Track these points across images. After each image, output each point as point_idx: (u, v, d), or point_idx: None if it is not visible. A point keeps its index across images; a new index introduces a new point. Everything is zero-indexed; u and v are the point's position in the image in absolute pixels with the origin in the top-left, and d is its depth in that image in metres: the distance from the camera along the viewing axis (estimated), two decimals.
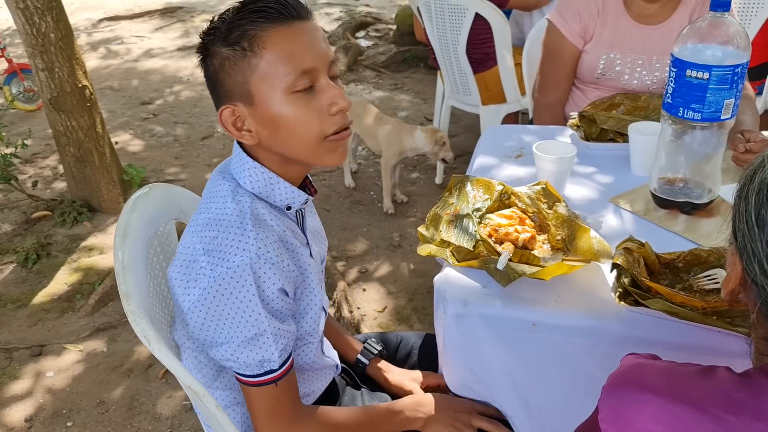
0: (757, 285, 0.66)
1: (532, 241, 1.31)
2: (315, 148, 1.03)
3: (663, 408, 0.67)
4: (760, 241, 0.65)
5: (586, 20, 2.01)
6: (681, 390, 0.68)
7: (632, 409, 0.68)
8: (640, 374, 0.72)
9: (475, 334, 1.22)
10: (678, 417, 0.65)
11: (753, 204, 0.66)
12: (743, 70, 1.31)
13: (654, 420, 0.66)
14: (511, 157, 1.75)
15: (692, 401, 0.66)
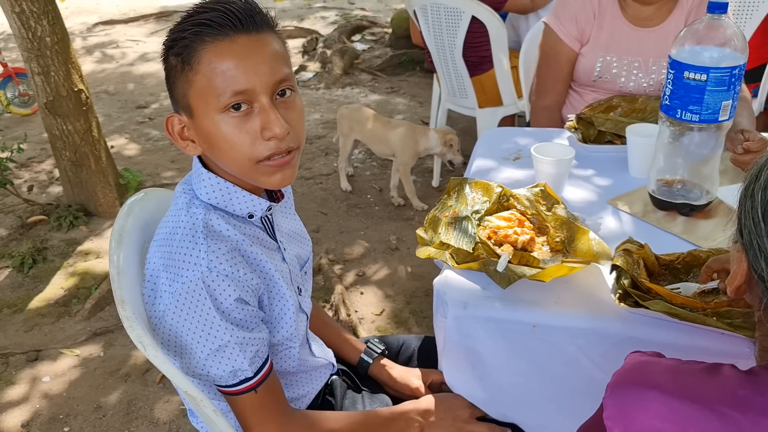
0: (764, 281, 0.66)
1: (532, 243, 1.31)
2: (248, 170, 1.01)
3: (668, 405, 0.67)
4: (767, 236, 0.65)
5: (583, 23, 2.01)
6: (686, 388, 0.68)
7: (637, 406, 0.69)
8: (645, 372, 0.73)
9: (476, 336, 1.21)
10: (684, 414, 0.66)
11: (759, 200, 0.67)
12: (741, 71, 1.31)
13: (660, 417, 0.66)
14: (509, 160, 1.75)
15: (698, 399, 0.67)
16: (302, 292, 1.20)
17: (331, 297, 2.71)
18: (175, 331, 1.00)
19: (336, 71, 5.40)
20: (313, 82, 5.34)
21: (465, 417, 1.25)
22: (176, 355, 1.03)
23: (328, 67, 5.48)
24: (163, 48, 1.01)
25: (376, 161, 3.98)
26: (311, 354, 1.26)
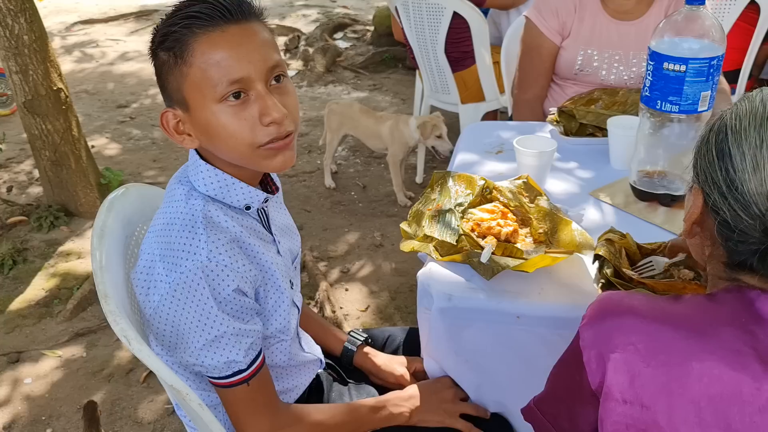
0: (716, 210, 0.77)
1: (515, 235, 1.32)
2: (250, 156, 1.01)
3: (642, 323, 0.76)
4: (720, 169, 0.76)
5: (564, 17, 2.02)
6: (657, 311, 0.78)
7: (614, 327, 0.77)
8: (620, 299, 0.81)
9: (461, 327, 1.22)
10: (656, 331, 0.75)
11: (713, 142, 0.78)
12: (719, 62, 1.32)
13: (635, 333, 0.76)
14: (492, 153, 1.76)
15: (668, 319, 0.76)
16: (294, 286, 1.21)
17: (316, 294, 2.70)
18: (171, 321, 0.99)
19: (318, 69, 5.38)
20: (296, 80, 5.32)
21: (450, 397, 1.26)
22: (170, 345, 1.03)
23: (310, 65, 5.46)
24: (152, 45, 1.01)
25: (359, 158, 3.97)
26: (301, 349, 1.26)
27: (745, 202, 0.74)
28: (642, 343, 0.75)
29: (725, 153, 0.76)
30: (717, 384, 0.70)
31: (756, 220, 0.73)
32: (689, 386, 0.71)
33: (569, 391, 0.84)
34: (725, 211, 0.76)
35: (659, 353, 0.73)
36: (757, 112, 0.76)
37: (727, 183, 0.76)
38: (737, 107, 0.78)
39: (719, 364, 0.71)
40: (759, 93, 0.78)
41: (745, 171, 0.74)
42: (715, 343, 0.72)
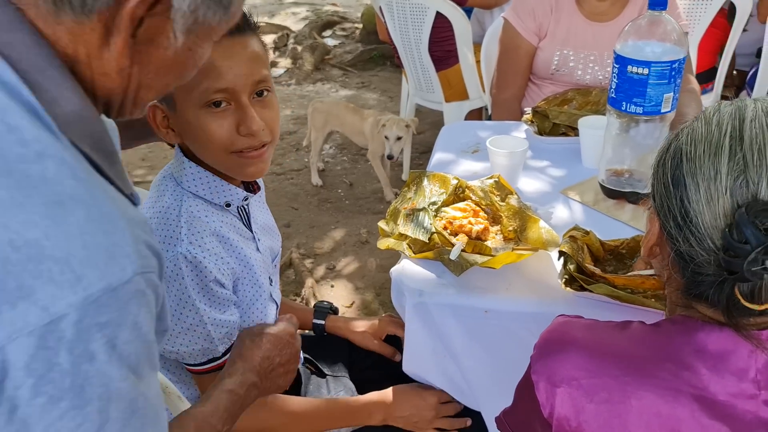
0: (672, 237, 0.75)
1: (485, 233, 1.37)
2: (224, 161, 1.07)
3: (585, 357, 0.77)
4: (675, 197, 0.74)
5: (540, 18, 2.07)
6: (601, 342, 0.79)
7: (559, 360, 0.78)
8: (566, 331, 0.82)
9: (433, 321, 1.27)
10: (597, 364, 0.76)
11: (669, 167, 0.75)
12: (680, 65, 1.38)
13: (577, 368, 0.76)
14: (468, 153, 1.81)
15: (610, 350, 0.77)
16: (272, 283, 1.25)
17: (301, 290, 2.75)
18: None
19: (307, 67, 5.42)
20: (284, 78, 5.35)
21: (430, 418, 1.30)
22: None
23: (298, 63, 5.50)
24: None
25: (346, 156, 4.02)
26: None
27: (700, 235, 0.72)
28: (585, 379, 0.76)
29: (680, 182, 0.74)
30: (655, 422, 0.72)
31: (711, 255, 0.71)
32: (629, 423, 0.73)
33: (528, 412, 0.86)
34: (680, 242, 0.74)
35: (601, 390, 0.75)
36: (712, 138, 0.72)
37: (682, 214, 0.73)
38: (693, 129, 0.76)
39: (657, 402, 0.72)
40: (716, 113, 0.76)
41: (700, 203, 0.72)
42: (653, 380, 0.73)
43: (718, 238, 0.70)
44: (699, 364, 0.72)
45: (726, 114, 0.74)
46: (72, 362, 0.56)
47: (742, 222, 0.66)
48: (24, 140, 0.58)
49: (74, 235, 0.57)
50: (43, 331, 0.54)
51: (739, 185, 0.69)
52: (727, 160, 0.70)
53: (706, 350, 0.73)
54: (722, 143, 0.71)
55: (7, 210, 0.55)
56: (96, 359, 0.57)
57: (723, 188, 0.69)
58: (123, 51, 0.64)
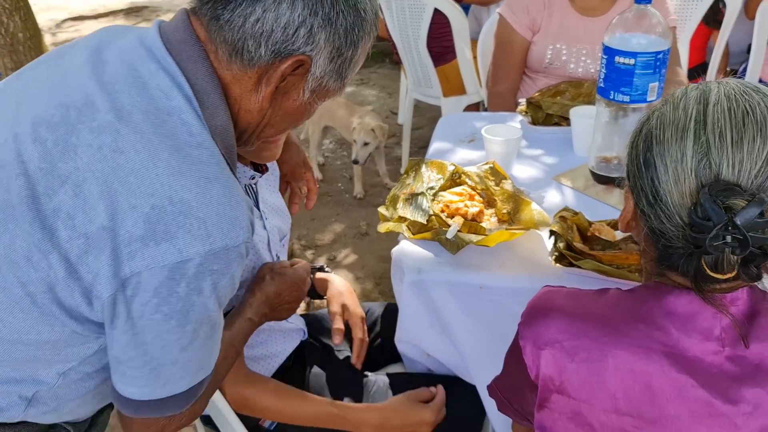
0: (644, 214, 0.80)
1: (480, 215, 1.44)
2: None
3: (567, 322, 0.84)
4: (646, 178, 0.79)
5: (534, 13, 2.14)
6: (581, 307, 0.85)
7: (543, 325, 0.85)
8: (550, 299, 0.89)
9: (430, 297, 1.34)
10: (578, 327, 0.83)
11: (641, 150, 0.80)
12: (665, 56, 1.45)
13: (560, 331, 0.83)
14: (465, 142, 1.88)
15: (590, 315, 0.83)
16: (279, 259, 1.32)
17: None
18: None
19: None
20: None
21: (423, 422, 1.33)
22: None
23: None
24: None
25: (346, 151, 4.09)
26: None
27: (669, 213, 0.77)
28: (566, 341, 0.83)
29: (650, 163, 0.79)
30: (629, 377, 0.79)
31: (679, 230, 0.76)
32: (606, 379, 0.80)
33: (517, 377, 0.92)
34: (652, 218, 0.79)
35: (581, 351, 0.82)
36: (678, 122, 0.77)
37: (653, 193, 0.78)
38: (662, 113, 0.80)
39: (630, 358, 0.79)
40: (683, 97, 0.80)
41: (668, 183, 0.76)
42: (626, 339, 0.80)
43: (685, 216, 0.75)
44: (669, 324, 0.79)
45: (692, 98, 0.78)
46: (187, 293, 0.78)
47: (705, 201, 0.72)
48: (191, 132, 0.82)
49: (213, 204, 0.79)
50: (173, 266, 0.76)
51: (702, 167, 0.74)
52: (692, 143, 0.75)
53: (675, 312, 0.79)
54: (688, 127, 0.76)
55: (172, 174, 0.78)
56: (202, 294, 0.80)
57: (689, 169, 0.75)
58: (267, 97, 0.90)
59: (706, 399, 0.75)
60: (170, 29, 0.88)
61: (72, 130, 0.80)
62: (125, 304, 0.78)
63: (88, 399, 0.95)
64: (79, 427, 0.99)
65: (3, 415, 0.88)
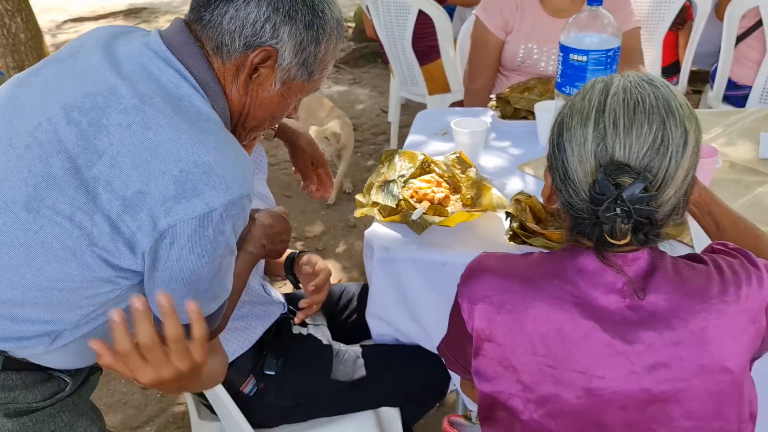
0: (559, 190, 0.94)
1: (446, 200, 1.57)
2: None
3: (496, 280, 0.97)
4: (559, 159, 0.92)
5: (507, 15, 2.27)
6: (509, 268, 0.98)
7: (476, 283, 0.98)
8: (483, 261, 1.02)
9: (397, 274, 1.47)
10: (505, 284, 0.96)
11: (555, 134, 0.94)
12: (615, 53, 1.58)
13: (490, 288, 0.96)
14: (438, 135, 2.01)
15: (515, 273, 0.96)
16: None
17: None
18: None
19: None
20: None
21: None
22: None
23: None
24: None
25: None
26: (264, 291, 1.51)
27: (576, 189, 0.89)
28: (495, 296, 0.96)
29: (562, 146, 0.91)
30: (544, 325, 0.92)
31: (584, 204, 0.88)
32: (526, 327, 0.93)
33: (458, 333, 1.04)
34: (564, 193, 0.91)
35: (506, 304, 0.94)
36: (583, 111, 0.89)
37: (563, 172, 0.90)
38: (573, 103, 0.92)
39: (546, 309, 0.92)
40: (591, 89, 0.91)
41: (574, 163, 0.88)
42: (544, 292, 0.93)
43: (587, 191, 0.87)
44: (579, 279, 0.92)
45: (597, 90, 0.90)
46: (214, 236, 0.96)
47: (601, 179, 0.84)
48: (200, 111, 1.00)
49: (228, 163, 0.96)
50: (202, 216, 0.94)
51: (600, 150, 0.86)
52: (593, 130, 0.87)
53: (585, 269, 0.92)
54: (590, 116, 0.88)
55: (194, 143, 0.94)
56: (225, 234, 0.98)
57: (590, 152, 0.87)
58: (243, 85, 1.05)
59: (608, 340, 0.88)
60: (170, 34, 1.04)
61: (102, 113, 0.95)
62: (166, 251, 0.95)
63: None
64: (76, 380, 1.12)
65: (27, 350, 1.02)
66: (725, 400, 0.88)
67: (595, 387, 0.89)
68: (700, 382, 0.87)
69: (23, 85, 1.05)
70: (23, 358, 1.03)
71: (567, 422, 0.92)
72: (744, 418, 0.90)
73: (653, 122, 0.85)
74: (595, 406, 0.90)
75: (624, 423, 0.90)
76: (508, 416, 0.96)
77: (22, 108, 1.01)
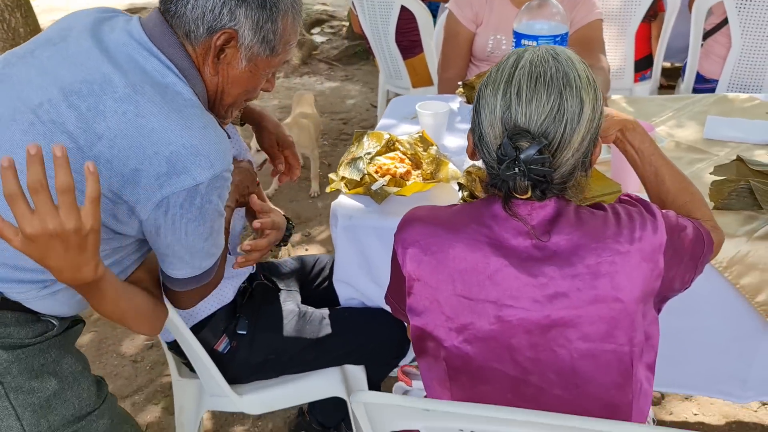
0: (477, 149, 1.06)
1: (408, 175, 1.71)
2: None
3: (424, 226, 1.10)
4: (476, 122, 1.04)
5: (477, 8, 2.40)
6: (435, 217, 1.11)
7: (408, 230, 1.11)
8: (414, 212, 1.15)
9: (359, 240, 1.61)
10: (431, 230, 1.09)
11: (475, 101, 1.05)
12: (563, 38, 1.72)
13: (418, 233, 1.09)
14: (408, 119, 2.15)
15: (440, 221, 1.10)
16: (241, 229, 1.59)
17: (278, 254, 3.09)
18: None
19: (294, 61, 5.76)
20: None
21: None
22: None
23: None
24: None
25: (326, 140, 4.36)
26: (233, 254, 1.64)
27: (488, 149, 1.01)
28: (423, 240, 1.08)
29: (479, 112, 1.03)
30: (462, 263, 1.04)
31: (494, 162, 1.00)
32: (447, 266, 1.05)
33: (397, 278, 1.16)
34: (480, 152, 1.04)
35: (432, 246, 1.07)
36: (496, 81, 1.00)
37: (479, 134, 1.03)
38: (491, 74, 1.02)
39: (464, 250, 1.04)
40: (506, 61, 1.01)
41: (487, 127, 1.00)
42: (463, 235, 1.05)
43: (496, 150, 0.99)
44: (492, 223, 1.05)
45: (509, 63, 1.01)
46: (202, 204, 1.11)
47: (505, 142, 0.97)
48: (184, 98, 1.13)
49: (212, 143, 1.10)
50: (191, 189, 1.08)
51: (506, 116, 0.98)
52: (501, 99, 0.99)
53: (498, 215, 1.05)
54: (500, 86, 0.99)
55: (181, 129, 1.08)
56: (212, 202, 1.13)
57: (498, 118, 0.99)
58: (212, 66, 1.18)
59: (515, 275, 1.02)
60: (150, 25, 1.16)
61: (99, 100, 1.08)
62: (163, 218, 1.11)
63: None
64: (62, 324, 1.25)
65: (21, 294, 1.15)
66: (616, 325, 1.01)
67: (505, 315, 1.02)
68: (594, 310, 1.00)
69: (18, 64, 1.17)
70: (17, 300, 1.16)
71: (482, 346, 1.05)
72: (636, 343, 1.02)
73: (552, 93, 0.97)
74: (505, 331, 1.03)
75: (529, 345, 1.03)
76: (435, 345, 1.09)
77: (21, 86, 1.13)
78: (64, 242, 0.92)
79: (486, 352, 1.05)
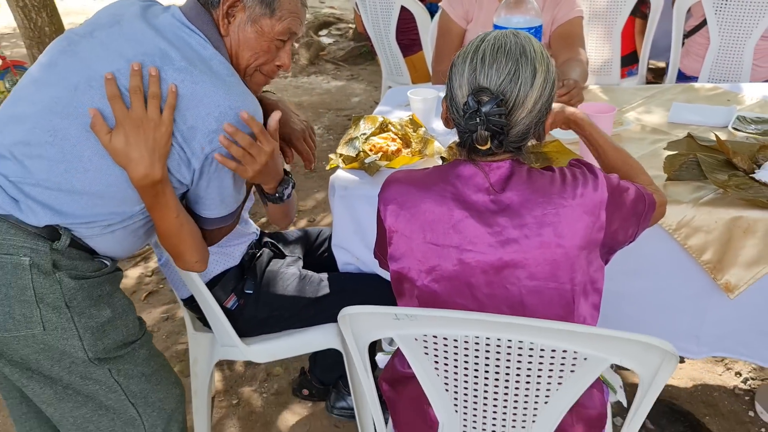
0: (449, 110, 1.26)
1: (398, 152, 1.91)
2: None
3: (401, 186, 1.29)
4: (449, 87, 1.23)
5: (467, 5, 2.61)
6: (412, 179, 1.30)
7: (388, 190, 1.31)
8: (395, 175, 1.34)
9: (354, 208, 1.82)
10: (407, 189, 1.28)
11: (450, 70, 1.24)
12: (537, 31, 1.92)
13: (396, 192, 1.29)
14: (402, 106, 2.35)
15: (416, 181, 1.29)
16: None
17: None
18: None
19: (302, 61, 5.99)
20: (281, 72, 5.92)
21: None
22: None
23: (295, 58, 6.07)
24: None
25: (332, 135, 4.57)
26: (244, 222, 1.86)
27: (458, 108, 1.19)
28: (400, 198, 1.28)
29: (451, 77, 1.21)
30: (431, 215, 1.24)
31: (461, 117, 1.18)
32: (419, 218, 1.25)
33: (381, 233, 1.35)
34: (451, 113, 1.23)
35: (407, 202, 1.27)
36: (466, 52, 1.19)
37: (451, 95, 1.21)
38: (465, 47, 1.24)
39: (433, 204, 1.24)
40: (477, 39, 1.23)
41: (456, 89, 1.19)
42: (432, 192, 1.25)
43: (463, 111, 1.18)
44: (457, 182, 1.24)
45: (478, 39, 1.22)
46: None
47: (470, 99, 1.16)
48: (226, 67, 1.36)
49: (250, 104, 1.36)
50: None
51: (472, 79, 1.18)
52: (468, 65, 1.19)
53: (462, 175, 1.25)
54: (468, 54, 1.19)
55: (227, 94, 1.32)
56: None
57: (465, 81, 1.19)
58: (225, 27, 1.39)
59: (474, 224, 1.22)
60: (187, 9, 1.40)
61: (161, 70, 1.30)
62: (208, 168, 1.37)
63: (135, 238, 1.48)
64: (112, 265, 1.46)
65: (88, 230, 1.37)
66: (559, 267, 1.20)
67: (465, 257, 1.22)
68: (539, 253, 1.20)
69: (82, 42, 1.35)
70: (80, 237, 1.38)
71: (447, 284, 1.25)
72: (577, 283, 1.22)
73: (510, 60, 1.18)
74: (465, 271, 1.23)
75: (485, 282, 1.23)
76: (410, 286, 1.29)
77: (89, 59, 1.32)
78: (146, 133, 1.27)
79: (450, 290, 1.25)
